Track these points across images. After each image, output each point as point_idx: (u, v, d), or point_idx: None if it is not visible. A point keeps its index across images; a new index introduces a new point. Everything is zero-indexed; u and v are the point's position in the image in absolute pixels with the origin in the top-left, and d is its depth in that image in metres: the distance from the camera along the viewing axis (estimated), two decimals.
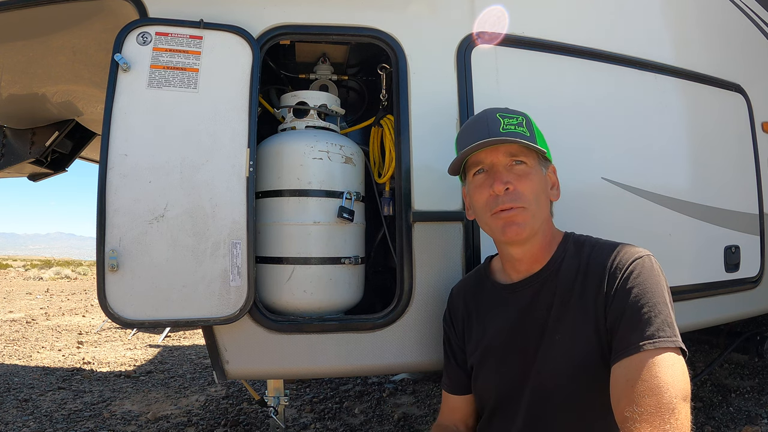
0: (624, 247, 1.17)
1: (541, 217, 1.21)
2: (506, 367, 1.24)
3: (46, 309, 8.15)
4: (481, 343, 1.30)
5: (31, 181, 3.39)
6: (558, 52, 1.79)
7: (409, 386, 3.42)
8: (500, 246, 1.29)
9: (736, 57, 2.32)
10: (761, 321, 2.67)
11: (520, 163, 1.20)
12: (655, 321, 1.04)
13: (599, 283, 1.13)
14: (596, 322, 1.12)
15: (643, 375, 0.99)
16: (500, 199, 1.18)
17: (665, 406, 0.94)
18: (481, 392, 1.32)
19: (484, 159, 1.22)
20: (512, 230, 1.17)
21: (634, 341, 1.03)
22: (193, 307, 1.41)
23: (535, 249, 1.23)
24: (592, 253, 1.19)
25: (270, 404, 1.86)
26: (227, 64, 1.50)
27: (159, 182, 1.42)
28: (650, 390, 0.96)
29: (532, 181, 1.20)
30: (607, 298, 1.11)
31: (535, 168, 1.22)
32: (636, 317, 1.06)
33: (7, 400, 3.31)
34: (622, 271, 1.11)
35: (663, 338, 1.02)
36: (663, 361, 1.00)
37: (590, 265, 1.17)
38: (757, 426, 2.51)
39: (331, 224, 1.58)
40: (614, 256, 1.14)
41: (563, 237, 1.27)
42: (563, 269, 1.20)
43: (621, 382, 1.03)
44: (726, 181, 2.16)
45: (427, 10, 1.68)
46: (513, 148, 1.21)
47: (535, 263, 1.24)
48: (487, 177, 1.22)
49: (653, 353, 1.01)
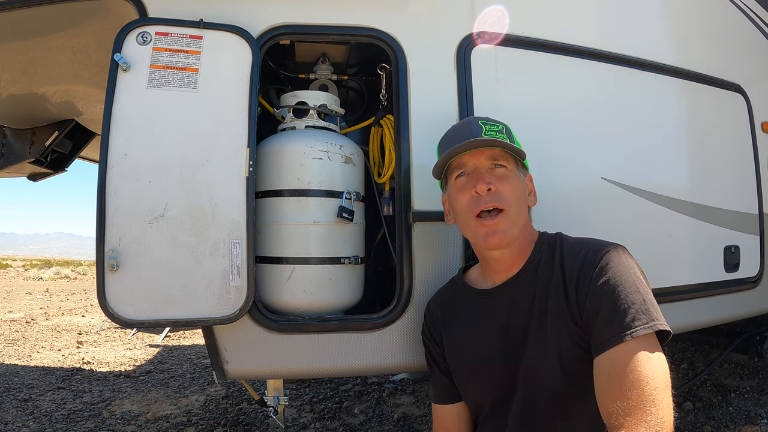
0: (591, 242, 1.21)
1: (521, 221, 1.25)
2: (495, 371, 1.25)
3: (46, 309, 8.14)
4: (465, 351, 1.32)
5: (31, 180, 3.38)
6: (558, 52, 1.79)
7: (408, 386, 3.42)
8: (479, 250, 1.32)
9: (736, 57, 2.32)
10: (761, 321, 2.66)
11: (500, 166, 1.25)
12: (629, 311, 1.06)
13: (572, 281, 1.16)
14: (574, 319, 1.14)
15: (623, 369, 1.02)
16: (482, 200, 1.21)
17: (647, 398, 0.97)
18: (474, 400, 1.33)
19: (467, 162, 1.27)
20: (495, 238, 1.21)
21: (611, 334, 1.06)
22: (192, 307, 1.41)
23: (514, 251, 1.26)
24: (563, 252, 1.22)
25: (270, 404, 1.86)
26: (227, 64, 1.50)
27: (159, 182, 1.42)
28: (631, 384, 0.99)
29: (513, 184, 1.24)
30: (579, 295, 1.14)
31: (514, 172, 1.27)
32: (610, 310, 1.08)
33: (6, 400, 3.31)
34: (592, 267, 1.13)
35: (639, 326, 1.05)
36: (641, 352, 1.03)
37: (564, 264, 1.20)
38: (756, 426, 2.51)
39: (331, 224, 1.58)
40: (584, 253, 1.17)
41: (538, 237, 1.30)
42: (540, 270, 1.23)
43: (603, 377, 1.05)
44: (726, 181, 2.16)
45: (427, 10, 1.68)
46: (495, 153, 1.25)
47: (514, 265, 1.27)
48: (469, 179, 1.26)
49: (631, 344, 1.04)
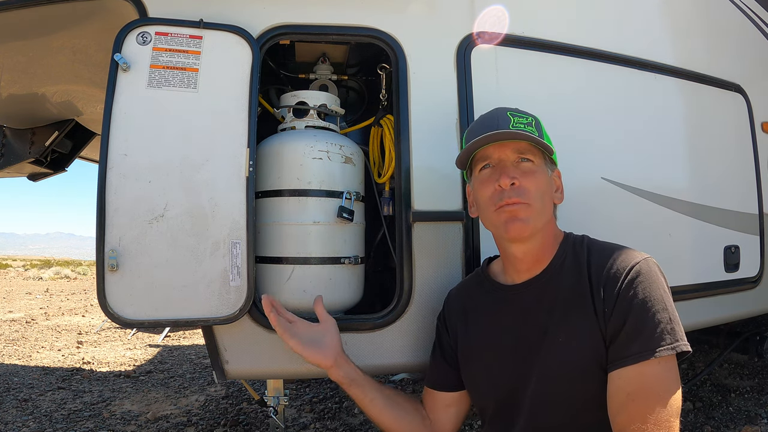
0: (621, 251, 1.17)
1: (544, 216, 1.21)
2: (508, 368, 1.23)
3: (46, 309, 8.14)
4: (480, 345, 1.30)
5: (31, 181, 3.38)
6: (558, 52, 1.79)
7: (409, 386, 3.42)
8: (502, 243, 1.28)
9: (736, 57, 2.32)
10: (761, 321, 2.67)
11: (526, 160, 1.22)
12: (656, 330, 1.05)
13: (598, 288, 1.13)
14: (596, 327, 1.12)
15: (644, 390, 1.02)
16: (506, 194, 1.18)
17: (663, 425, 0.99)
18: (482, 397, 1.32)
19: (492, 154, 1.23)
20: (516, 226, 1.17)
21: (634, 351, 1.05)
22: (192, 307, 1.41)
23: (537, 249, 1.23)
24: (590, 256, 1.19)
25: (270, 404, 1.86)
26: (227, 64, 1.50)
27: (159, 182, 1.41)
28: (651, 409, 1.00)
29: (538, 179, 1.20)
30: (605, 304, 1.11)
31: (541, 167, 1.23)
32: (636, 326, 1.06)
33: (6, 400, 3.31)
34: (621, 279, 1.11)
35: (663, 347, 1.04)
36: (662, 375, 1.03)
37: (590, 269, 1.17)
38: (756, 426, 2.51)
39: (331, 224, 1.57)
40: (612, 262, 1.14)
41: (563, 238, 1.27)
42: (565, 272, 1.20)
43: (621, 395, 1.05)
44: (726, 181, 2.16)
45: (427, 10, 1.68)
46: (521, 146, 1.22)
47: (537, 264, 1.24)
48: (493, 172, 1.23)
49: (653, 365, 1.03)
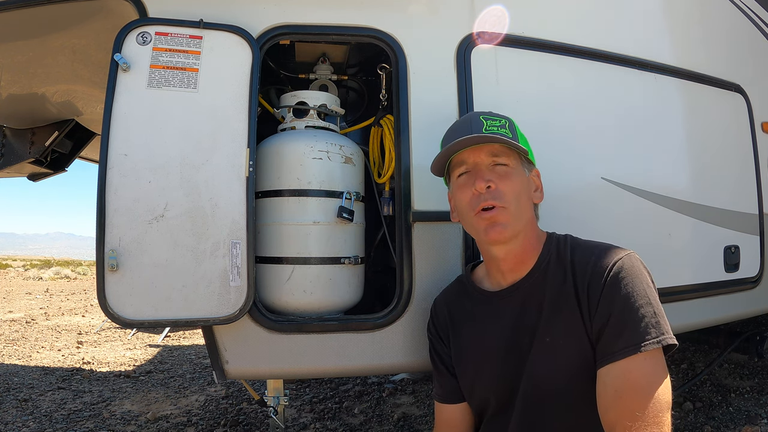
0: (604, 249, 1.18)
1: (523, 218, 1.23)
2: (500, 372, 1.24)
3: (46, 309, 8.14)
4: (471, 351, 1.31)
5: (31, 181, 3.38)
6: (558, 52, 1.79)
7: (408, 386, 3.42)
8: (483, 247, 1.30)
9: (736, 57, 2.31)
10: (761, 321, 2.66)
11: (501, 164, 1.23)
12: (640, 324, 1.06)
13: (583, 287, 1.14)
14: (583, 325, 1.13)
15: (632, 386, 1.03)
16: (482, 197, 1.20)
17: (652, 421, 0.99)
18: (478, 401, 1.32)
19: (467, 159, 1.25)
20: (495, 231, 1.19)
21: (620, 346, 1.06)
22: (192, 307, 1.41)
23: (519, 249, 1.24)
24: (574, 256, 1.20)
25: (270, 404, 1.86)
26: (227, 64, 1.50)
27: (159, 182, 1.42)
28: (640, 405, 1.01)
29: (513, 181, 1.22)
30: (590, 302, 1.12)
31: (516, 169, 1.24)
32: (621, 321, 1.08)
33: (6, 400, 3.31)
34: (604, 276, 1.12)
35: (649, 341, 1.05)
36: (650, 370, 1.04)
37: (575, 268, 1.18)
38: (756, 426, 2.50)
39: (331, 224, 1.58)
40: (595, 260, 1.15)
41: (547, 238, 1.28)
42: (550, 273, 1.21)
43: (609, 392, 1.06)
44: (726, 181, 2.16)
45: (427, 10, 1.68)
46: (495, 149, 1.23)
47: (521, 265, 1.25)
48: (469, 177, 1.25)
49: (639, 360, 1.04)
